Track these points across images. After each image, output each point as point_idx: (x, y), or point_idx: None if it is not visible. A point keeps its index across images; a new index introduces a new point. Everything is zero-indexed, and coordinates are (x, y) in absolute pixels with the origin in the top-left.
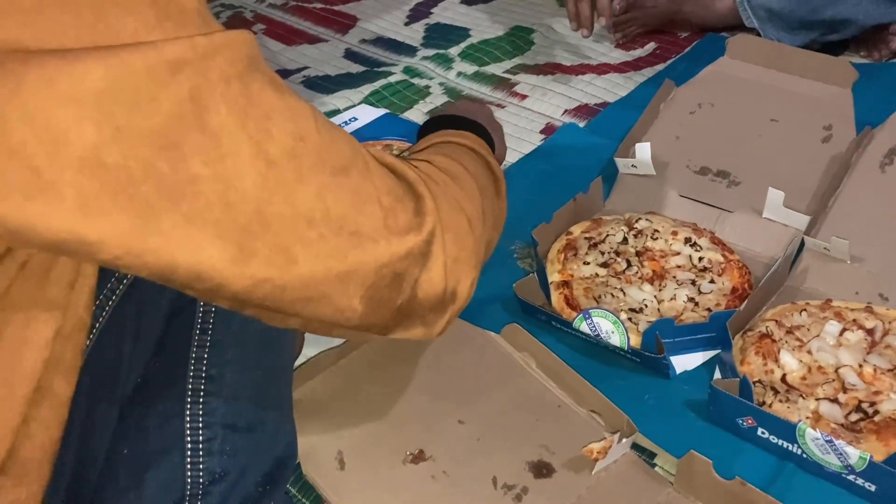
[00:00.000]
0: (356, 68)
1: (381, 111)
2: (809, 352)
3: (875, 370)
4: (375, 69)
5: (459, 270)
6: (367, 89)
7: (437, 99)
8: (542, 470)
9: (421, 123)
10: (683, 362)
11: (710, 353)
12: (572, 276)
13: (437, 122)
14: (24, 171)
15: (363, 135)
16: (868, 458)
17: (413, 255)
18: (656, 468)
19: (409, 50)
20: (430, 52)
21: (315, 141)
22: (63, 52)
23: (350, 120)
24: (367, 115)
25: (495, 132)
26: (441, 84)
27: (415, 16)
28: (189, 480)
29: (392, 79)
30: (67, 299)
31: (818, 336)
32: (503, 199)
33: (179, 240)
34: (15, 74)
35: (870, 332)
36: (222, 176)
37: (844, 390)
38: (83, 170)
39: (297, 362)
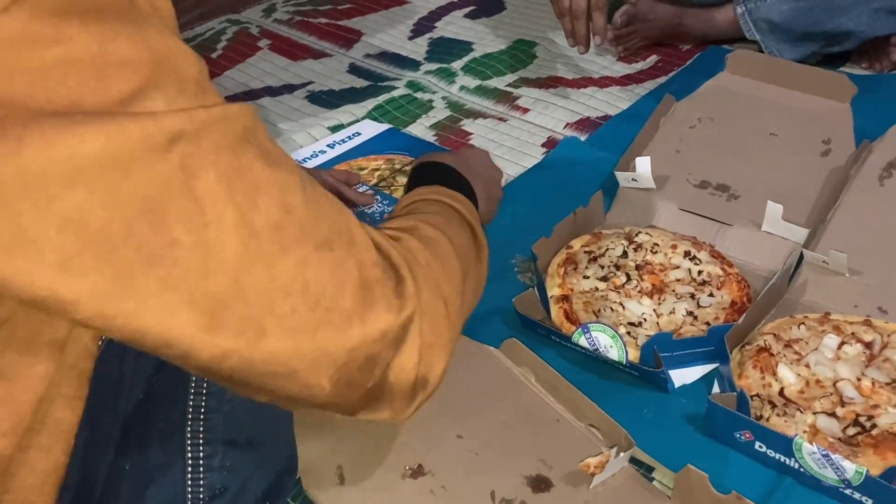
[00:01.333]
0: (360, 83)
1: (385, 126)
2: (807, 365)
3: (873, 384)
4: (379, 84)
5: (433, 357)
6: (370, 104)
7: (439, 113)
8: (540, 484)
9: (422, 138)
10: (682, 376)
11: (708, 367)
12: (572, 290)
13: (430, 168)
14: (11, 227)
15: (366, 150)
16: (865, 472)
17: (387, 338)
18: (654, 482)
19: (413, 64)
20: (434, 66)
21: (301, 214)
22: (64, 116)
23: (354, 135)
24: (371, 130)
25: (488, 185)
26: (444, 98)
27: (418, 30)
28: (189, 496)
29: (395, 93)
30: (69, 331)
31: (816, 349)
32: (484, 264)
33: (152, 305)
34: (16, 135)
35: (868, 345)
36: (203, 243)
37: (842, 404)
38: (66, 229)
39: None
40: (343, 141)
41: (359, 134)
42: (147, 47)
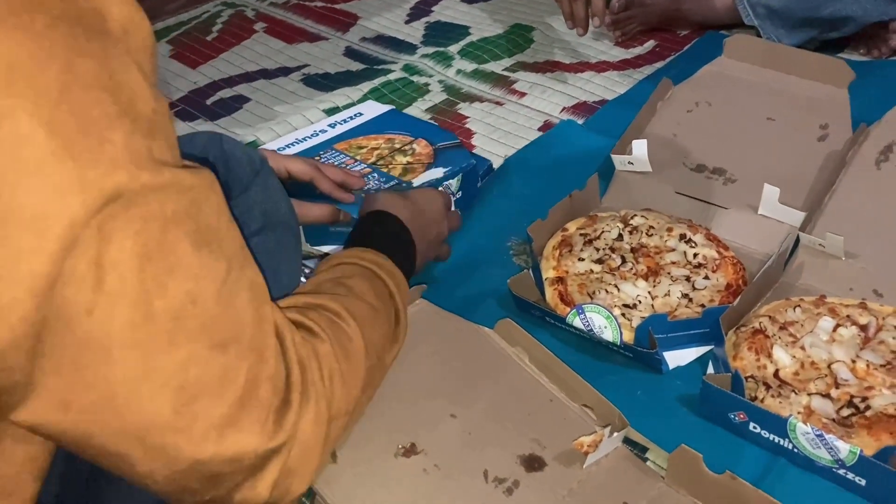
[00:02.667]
0: (356, 66)
1: (387, 107)
2: (802, 347)
3: (868, 366)
4: (375, 67)
5: (290, 484)
6: (366, 87)
7: (436, 96)
8: (533, 463)
9: (418, 119)
10: (676, 358)
11: (703, 349)
12: (567, 272)
13: (380, 221)
14: None
15: (367, 130)
16: (858, 452)
17: (243, 463)
18: (648, 462)
19: (409, 48)
20: (430, 49)
21: (207, 307)
22: None
23: (356, 115)
24: (373, 110)
25: (432, 230)
26: (440, 82)
27: (415, 14)
28: None
29: (392, 76)
30: None
31: (811, 332)
32: (397, 348)
33: None
34: None
35: (863, 328)
36: (87, 311)
37: (837, 385)
38: None
39: None
40: (345, 121)
41: (360, 114)
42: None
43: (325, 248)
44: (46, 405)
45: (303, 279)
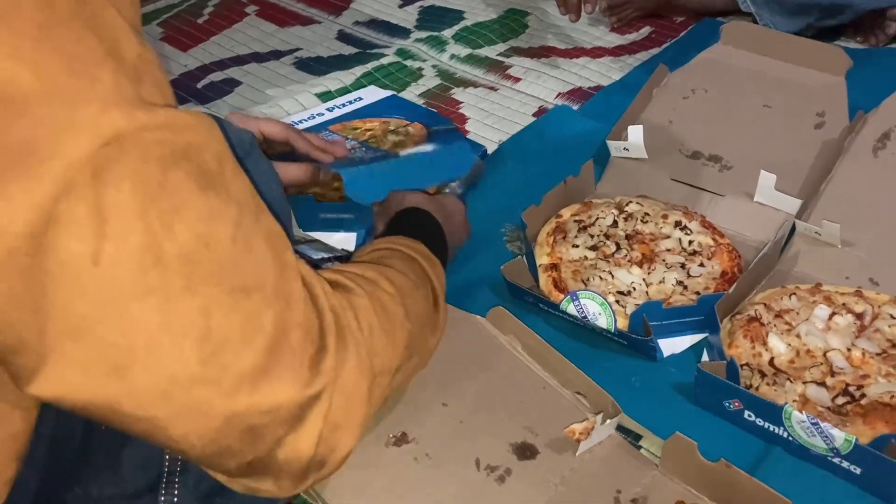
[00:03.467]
0: (349, 50)
1: (387, 93)
2: (798, 335)
3: (863, 354)
4: (368, 51)
5: (336, 439)
6: (359, 71)
7: (429, 81)
8: (525, 451)
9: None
10: (671, 345)
11: (697, 337)
12: (561, 258)
13: (413, 216)
14: None
15: (365, 113)
16: (854, 440)
17: (280, 414)
18: (642, 450)
19: (403, 32)
20: (424, 34)
21: (223, 250)
22: None
23: (356, 99)
24: (372, 95)
25: (456, 236)
26: (434, 66)
27: None
28: (167, 458)
29: (384, 61)
30: None
31: (807, 320)
32: (437, 336)
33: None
34: None
35: (859, 316)
36: (93, 257)
37: (832, 374)
38: None
39: None
40: (343, 105)
41: (360, 99)
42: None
43: (316, 234)
44: (64, 372)
45: None
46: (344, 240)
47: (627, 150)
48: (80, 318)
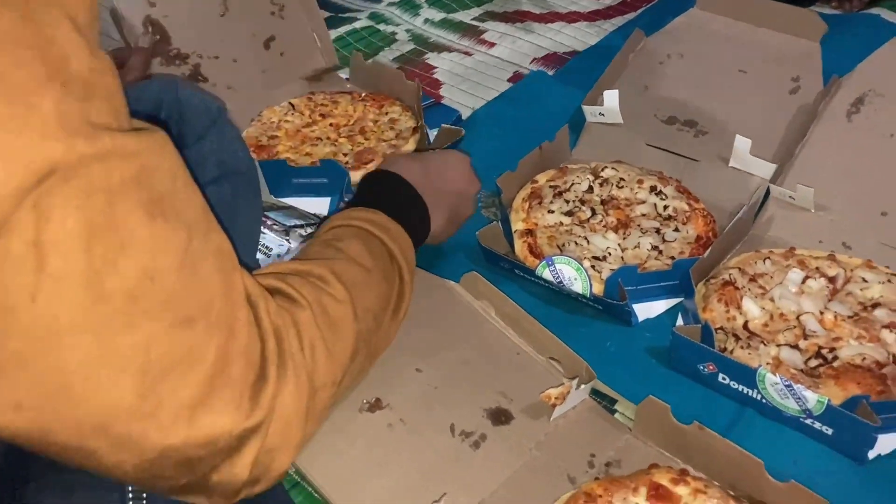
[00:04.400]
0: (321, 14)
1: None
2: (772, 299)
3: (836, 317)
4: (341, 15)
5: (272, 459)
6: (331, 34)
7: (403, 46)
8: (500, 417)
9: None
10: (646, 310)
11: (672, 301)
12: (536, 224)
13: (383, 181)
14: None
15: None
16: (826, 401)
17: (218, 445)
18: (616, 415)
19: None
20: None
21: (168, 282)
22: None
23: None
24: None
25: (455, 202)
26: (408, 31)
27: None
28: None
29: (358, 24)
30: None
31: (781, 284)
32: (399, 317)
33: None
34: None
35: (832, 279)
36: (29, 295)
37: (805, 337)
38: None
39: None
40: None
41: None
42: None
43: (289, 200)
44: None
45: (264, 229)
46: (317, 205)
47: (603, 115)
48: (11, 354)
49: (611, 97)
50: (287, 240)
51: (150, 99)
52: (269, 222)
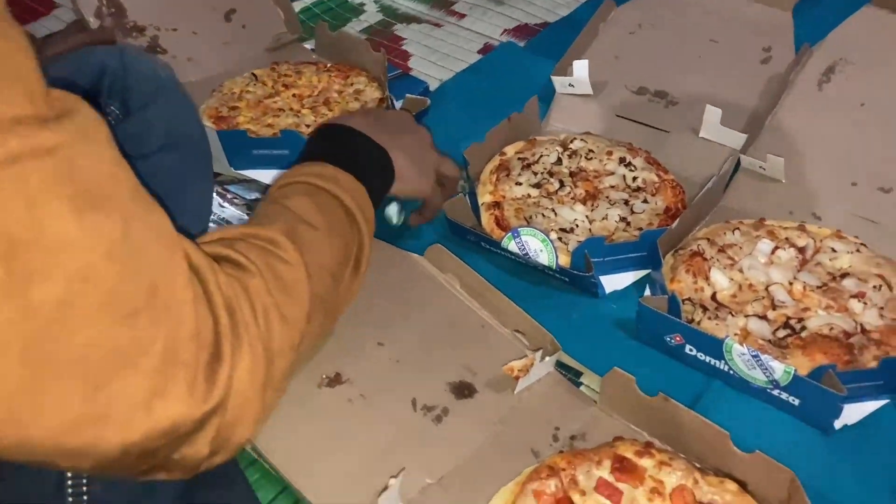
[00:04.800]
0: None
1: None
2: (740, 270)
3: (804, 287)
4: None
5: (232, 433)
6: (297, 5)
7: (371, 17)
8: (463, 390)
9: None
10: (613, 282)
11: (640, 273)
12: (504, 196)
13: (334, 135)
14: None
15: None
16: (793, 371)
17: (178, 432)
18: (582, 387)
19: None
20: None
21: (104, 279)
22: None
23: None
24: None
25: (414, 150)
26: (376, 2)
27: None
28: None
29: None
30: None
31: (750, 254)
32: (362, 269)
33: None
34: None
35: (801, 250)
36: None
37: (774, 307)
38: None
39: None
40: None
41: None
42: None
43: (249, 173)
44: None
45: (223, 203)
46: (279, 177)
47: (573, 85)
48: None
49: (580, 67)
50: (248, 214)
51: (93, 65)
52: (229, 196)
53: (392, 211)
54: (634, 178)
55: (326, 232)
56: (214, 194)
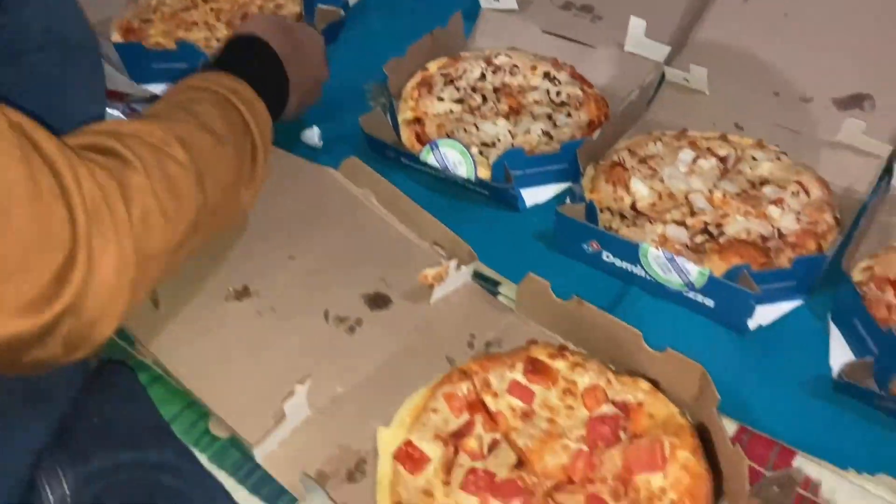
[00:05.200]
0: None
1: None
2: (661, 180)
3: (724, 195)
4: None
5: (92, 330)
6: None
7: None
8: (378, 302)
9: None
10: (534, 195)
11: (561, 186)
12: (426, 112)
13: (246, 47)
14: None
15: None
16: (708, 273)
17: (21, 343)
18: (500, 297)
19: None
20: None
21: None
22: None
23: None
24: None
25: (312, 68)
26: None
27: None
28: None
29: None
30: None
31: (671, 164)
32: (255, 185)
33: None
34: None
35: (723, 159)
36: None
37: (692, 214)
38: None
39: None
40: None
41: None
42: None
43: (153, 87)
44: None
45: (117, 113)
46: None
47: (497, 0)
48: None
49: None
50: None
51: None
52: (128, 111)
53: (313, 133)
54: (558, 93)
55: (227, 149)
56: (120, 112)
